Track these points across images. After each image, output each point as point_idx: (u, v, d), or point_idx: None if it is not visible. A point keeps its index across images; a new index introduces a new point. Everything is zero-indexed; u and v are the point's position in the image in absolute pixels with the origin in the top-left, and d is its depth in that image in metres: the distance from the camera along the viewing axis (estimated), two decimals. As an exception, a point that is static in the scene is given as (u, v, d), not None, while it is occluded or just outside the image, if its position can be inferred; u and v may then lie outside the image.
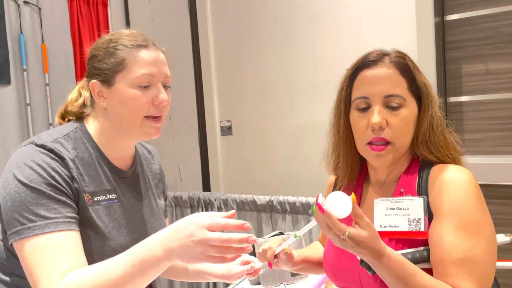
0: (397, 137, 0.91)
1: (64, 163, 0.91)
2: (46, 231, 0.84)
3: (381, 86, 0.90)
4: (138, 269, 0.80)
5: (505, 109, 2.02)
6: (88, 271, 0.82)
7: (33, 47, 2.28)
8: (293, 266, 1.08)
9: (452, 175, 0.88)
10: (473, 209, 0.84)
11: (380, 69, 0.91)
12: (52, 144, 0.92)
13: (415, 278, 0.78)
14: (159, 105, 0.97)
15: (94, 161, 0.97)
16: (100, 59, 0.97)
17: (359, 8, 2.22)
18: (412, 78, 0.92)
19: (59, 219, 0.86)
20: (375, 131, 0.90)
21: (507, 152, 2.01)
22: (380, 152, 0.91)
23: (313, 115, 2.39)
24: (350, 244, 0.76)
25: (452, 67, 2.12)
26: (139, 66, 0.95)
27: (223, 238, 0.77)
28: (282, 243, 1.03)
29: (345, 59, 2.20)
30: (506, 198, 1.99)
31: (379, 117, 0.89)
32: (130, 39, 0.98)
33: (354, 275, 0.96)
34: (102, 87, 0.97)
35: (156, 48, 1.00)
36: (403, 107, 0.91)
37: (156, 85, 0.98)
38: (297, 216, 2.31)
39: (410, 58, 0.95)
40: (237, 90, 2.62)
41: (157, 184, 1.16)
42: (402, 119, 0.90)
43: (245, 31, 2.55)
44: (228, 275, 1.16)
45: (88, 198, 0.93)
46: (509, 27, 1.98)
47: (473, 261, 0.81)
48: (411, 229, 0.87)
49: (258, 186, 2.57)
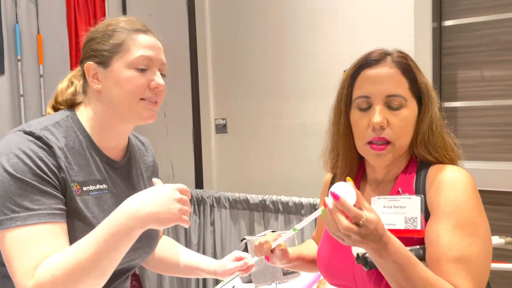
0: (398, 137, 0.91)
1: (51, 151, 0.89)
2: (29, 223, 0.82)
3: (383, 85, 0.90)
4: (110, 243, 0.81)
5: (499, 115, 2.04)
6: (61, 256, 0.81)
7: (28, 38, 2.25)
8: (288, 263, 1.07)
9: (451, 175, 0.88)
10: (470, 209, 0.85)
11: (382, 69, 0.91)
12: (41, 131, 0.90)
13: (416, 268, 0.78)
14: (155, 90, 0.96)
15: (85, 150, 0.95)
16: (98, 41, 0.96)
17: (358, 11, 2.23)
18: (413, 78, 0.93)
19: (43, 211, 0.84)
20: (376, 130, 0.90)
21: (500, 159, 2.03)
22: (380, 152, 0.91)
23: (308, 116, 2.39)
24: (362, 233, 0.73)
25: (448, 73, 2.13)
26: (137, 48, 0.95)
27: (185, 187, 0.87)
28: (278, 238, 1.03)
29: (342, 61, 2.22)
30: (498, 204, 2.00)
31: (381, 117, 0.89)
32: (129, 23, 0.98)
33: (348, 272, 0.95)
34: (98, 69, 0.95)
35: (154, 35, 1.00)
36: (404, 107, 0.91)
37: (152, 69, 0.97)
38: (289, 216, 2.31)
39: (411, 59, 0.95)
40: (233, 88, 2.62)
41: (150, 176, 1.14)
42: (403, 119, 0.90)
43: (243, 30, 2.55)
44: (220, 272, 1.15)
45: (76, 188, 0.91)
46: (505, 35, 2.00)
47: (469, 260, 0.81)
48: (408, 228, 0.87)
49: (251, 185, 2.56)
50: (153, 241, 1.08)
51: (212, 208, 2.56)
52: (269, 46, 2.48)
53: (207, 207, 2.56)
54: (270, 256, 1.03)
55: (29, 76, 2.26)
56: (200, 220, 2.61)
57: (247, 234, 2.48)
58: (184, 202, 0.87)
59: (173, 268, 1.21)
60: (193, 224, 2.62)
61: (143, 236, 1.00)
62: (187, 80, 2.75)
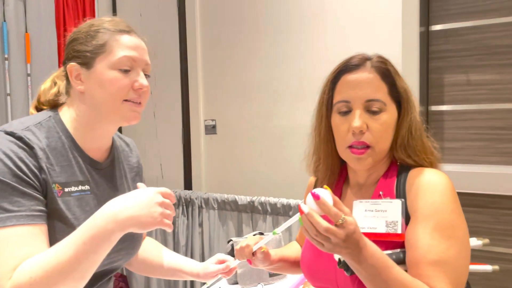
0: (377, 141, 0.92)
1: (32, 152, 0.88)
2: (7, 225, 0.82)
3: (363, 90, 0.91)
4: (90, 246, 0.80)
5: (485, 119, 2.06)
6: (40, 258, 0.80)
7: (16, 36, 2.24)
8: (270, 265, 1.08)
9: (430, 179, 0.89)
10: (449, 212, 0.86)
11: (362, 74, 0.93)
12: (23, 132, 0.89)
13: (392, 271, 0.79)
14: (138, 90, 0.96)
15: (67, 151, 0.94)
16: (80, 42, 0.95)
17: (346, 15, 2.24)
18: (392, 83, 0.94)
19: (22, 213, 0.83)
20: (355, 134, 0.91)
21: (485, 162, 2.06)
22: (360, 156, 0.92)
23: (297, 118, 2.40)
24: (342, 234, 0.74)
25: (435, 77, 2.16)
26: (121, 48, 0.94)
27: (169, 191, 0.87)
28: (259, 241, 1.03)
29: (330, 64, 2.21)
30: (482, 206, 2.03)
31: (360, 121, 0.90)
32: (112, 24, 0.97)
33: (331, 275, 0.96)
34: (81, 70, 0.95)
35: (138, 36, 0.99)
36: (383, 111, 0.92)
37: (136, 70, 0.96)
38: (277, 217, 2.32)
39: (391, 63, 0.96)
40: (223, 90, 2.62)
41: (134, 177, 1.14)
42: (382, 124, 0.92)
43: (234, 32, 2.55)
44: (203, 274, 1.15)
45: (58, 189, 0.90)
46: (492, 39, 2.03)
47: (448, 262, 0.83)
48: (388, 231, 0.88)
49: (240, 186, 2.56)
50: (136, 242, 1.07)
51: (200, 209, 2.56)
52: (259, 48, 2.48)
53: (195, 208, 2.56)
54: (252, 259, 1.03)
55: (16, 75, 2.25)
56: (188, 221, 2.61)
57: (235, 235, 2.48)
58: (167, 206, 0.86)
59: (156, 270, 1.21)
60: (181, 225, 2.61)
61: (126, 237, 0.99)
62: (176, 81, 2.75)
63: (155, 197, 0.85)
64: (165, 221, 0.85)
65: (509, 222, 1.98)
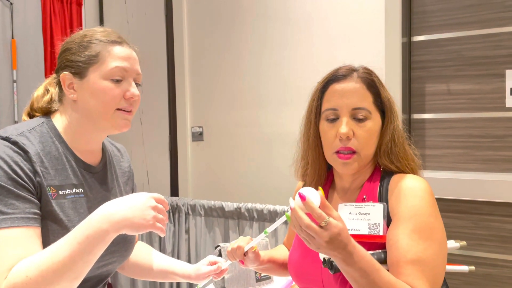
0: (362, 147, 0.97)
1: (27, 156, 0.90)
2: (2, 226, 0.83)
3: (349, 99, 0.97)
4: (84, 246, 0.82)
5: (464, 127, 2.13)
6: (35, 258, 0.82)
7: (2, 42, 2.23)
8: (260, 265, 1.11)
9: (410, 184, 0.94)
10: (427, 215, 0.91)
11: (349, 84, 0.98)
12: (17, 137, 0.91)
13: (379, 273, 0.82)
14: (130, 99, 0.99)
15: (61, 155, 0.97)
16: (73, 52, 0.98)
17: (331, 25, 2.30)
18: (377, 93, 0.99)
19: (16, 215, 0.85)
20: (342, 140, 0.96)
21: (464, 169, 2.12)
22: (346, 161, 0.97)
23: (283, 125, 2.44)
24: (326, 236, 0.77)
25: (417, 86, 2.22)
26: (113, 59, 0.97)
27: (162, 197, 0.90)
28: (250, 241, 1.07)
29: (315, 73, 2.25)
30: (462, 212, 2.09)
31: (347, 128, 0.95)
32: (105, 35, 1.00)
33: (316, 276, 0.99)
34: (74, 79, 0.97)
35: (129, 46, 1.02)
36: (368, 119, 0.97)
37: (128, 80, 0.99)
38: (264, 223, 2.34)
39: (376, 75, 1.02)
40: (210, 97, 2.64)
41: (126, 181, 1.16)
42: (367, 131, 0.96)
43: (220, 39, 2.59)
44: (195, 275, 1.17)
45: (52, 192, 0.92)
46: (470, 50, 2.11)
47: (425, 262, 0.87)
48: (371, 233, 0.92)
49: (227, 193, 2.58)
50: (129, 245, 1.09)
51: (187, 216, 2.56)
52: (246, 56, 2.52)
53: (182, 215, 2.57)
54: (244, 259, 1.06)
55: (2, 81, 2.23)
56: (175, 228, 2.61)
57: (222, 241, 2.49)
58: (160, 211, 0.88)
59: (148, 272, 1.22)
60: (168, 232, 2.61)
61: (119, 239, 1.02)
62: (164, 87, 2.77)
63: (148, 201, 0.87)
64: (157, 224, 0.87)
65: (488, 227, 2.05)
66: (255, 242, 1.04)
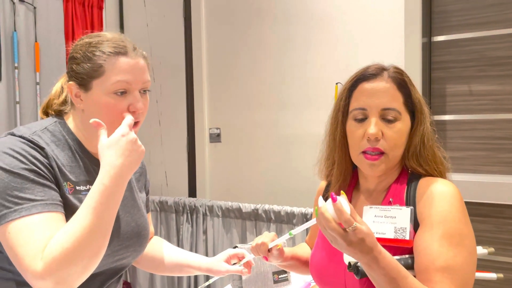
0: (391, 149, 0.95)
1: (44, 152, 0.92)
2: (34, 212, 0.85)
3: (379, 99, 0.94)
4: (106, 206, 0.86)
5: (487, 129, 2.09)
6: (65, 230, 0.84)
7: (26, 46, 2.28)
8: (283, 262, 1.11)
9: (440, 188, 0.92)
10: (457, 221, 0.89)
11: (379, 83, 0.96)
12: (31, 136, 0.93)
13: (406, 281, 0.81)
14: (135, 113, 0.98)
15: (74, 153, 0.98)
16: (78, 62, 0.97)
17: (351, 25, 2.28)
18: (408, 93, 0.97)
19: (46, 201, 0.87)
20: (370, 141, 0.94)
21: (486, 171, 2.08)
22: (374, 162, 0.95)
23: (301, 127, 2.43)
24: (352, 239, 0.76)
25: (437, 87, 2.19)
26: (115, 73, 0.95)
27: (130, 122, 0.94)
28: (275, 239, 1.07)
29: (335, 74, 2.27)
30: (485, 215, 2.05)
31: (376, 129, 0.93)
32: (109, 45, 0.97)
33: (340, 279, 0.98)
34: (79, 90, 0.98)
35: (136, 55, 0.98)
36: (398, 120, 0.95)
37: (132, 93, 0.97)
38: (281, 225, 2.33)
39: (407, 75, 0.99)
40: (227, 98, 2.65)
41: (139, 177, 1.17)
42: (397, 132, 0.94)
43: (239, 41, 2.60)
44: (216, 270, 1.18)
45: (69, 187, 0.95)
46: (493, 50, 2.07)
47: (455, 269, 0.85)
48: (397, 237, 0.90)
49: (244, 194, 2.59)
50: (143, 239, 1.10)
51: (204, 217, 2.58)
52: (264, 57, 2.52)
53: (199, 215, 2.58)
54: (268, 255, 1.07)
55: (25, 83, 2.28)
56: (192, 228, 2.62)
57: (239, 242, 2.49)
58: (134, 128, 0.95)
59: (161, 265, 1.23)
60: (185, 233, 2.63)
61: (133, 234, 1.04)
62: (182, 89, 2.79)
63: (130, 138, 0.91)
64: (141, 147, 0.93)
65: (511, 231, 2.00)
66: (280, 241, 1.04)
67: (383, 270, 0.79)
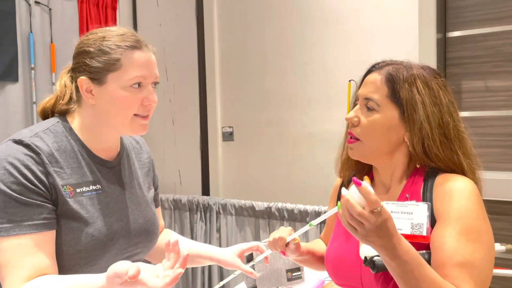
0: (364, 136, 0.97)
1: (39, 158, 0.91)
2: (11, 234, 0.87)
3: (366, 89, 0.99)
4: None
5: (504, 126, 2.06)
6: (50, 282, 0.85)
7: (42, 47, 2.31)
8: (300, 256, 1.12)
9: (458, 185, 0.92)
10: (475, 217, 0.88)
11: (373, 75, 1.00)
12: (31, 139, 0.93)
13: (424, 269, 0.81)
14: (148, 106, 0.99)
15: (76, 153, 0.98)
16: (92, 56, 0.96)
17: (364, 22, 2.27)
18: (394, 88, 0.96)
19: (24, 222, 0.88)
20: (348, 126, 1.00)
21: (504, 169, 2.05)
22: (350, 144, 1.00)
23: (314, 125, 2.42)
24: (376, 222, 0.76)
25: (452, 83, 2.17)
26: (132, 68, 0.95)
27: None
28: (291, 233, 1.08)
29: (348, 71, 2.26)
30: (502, 214, 2.02)
31: (352, 114, 0.99)
32: (123, 39, 0.97)
33: (355, 273, 0.98)
34: (92, 84, 0.96)
35: (148, 49, 1.00)
36: (376, 111, 0.97)
37: (147, 86, 0.98)
38: (294, 223, 2.33)
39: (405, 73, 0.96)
40: (240, 97, 2.66)
41: (147, 173, 1.16)
42: (370, 121, 0.97)
43: (251, 39, 2.60)
44: (231, 262, 1.18)
45: (69, 190, 0.94)
46: (509, 46, 2.03)
47: (473, 265, 0.85)
48: (414, 233, 0.90)
49: (257, 192, 2.59)
50: (152, 235, 1.11)
51: (218, 215, 2.59)
52: (276, 55, 2.52)
53: (213, 214, 2.59)
54: (285, 249, 1.08)
55: (41, 84, 2.32)
56: (206, 226, 2.64)
57: (252, 240, 2.50)
58: None
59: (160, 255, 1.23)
60: (199, 231, 2.65)
61: (141, 231, 1.05)
62: (195, 88, 2.80)
63: None
64: None
65: (529, 229, 1.97)
66: (298, 233, 1.04)
67: (404, 256, 0.79)
